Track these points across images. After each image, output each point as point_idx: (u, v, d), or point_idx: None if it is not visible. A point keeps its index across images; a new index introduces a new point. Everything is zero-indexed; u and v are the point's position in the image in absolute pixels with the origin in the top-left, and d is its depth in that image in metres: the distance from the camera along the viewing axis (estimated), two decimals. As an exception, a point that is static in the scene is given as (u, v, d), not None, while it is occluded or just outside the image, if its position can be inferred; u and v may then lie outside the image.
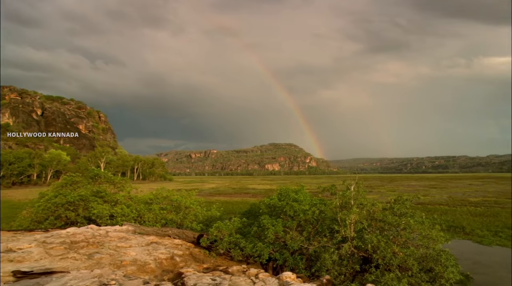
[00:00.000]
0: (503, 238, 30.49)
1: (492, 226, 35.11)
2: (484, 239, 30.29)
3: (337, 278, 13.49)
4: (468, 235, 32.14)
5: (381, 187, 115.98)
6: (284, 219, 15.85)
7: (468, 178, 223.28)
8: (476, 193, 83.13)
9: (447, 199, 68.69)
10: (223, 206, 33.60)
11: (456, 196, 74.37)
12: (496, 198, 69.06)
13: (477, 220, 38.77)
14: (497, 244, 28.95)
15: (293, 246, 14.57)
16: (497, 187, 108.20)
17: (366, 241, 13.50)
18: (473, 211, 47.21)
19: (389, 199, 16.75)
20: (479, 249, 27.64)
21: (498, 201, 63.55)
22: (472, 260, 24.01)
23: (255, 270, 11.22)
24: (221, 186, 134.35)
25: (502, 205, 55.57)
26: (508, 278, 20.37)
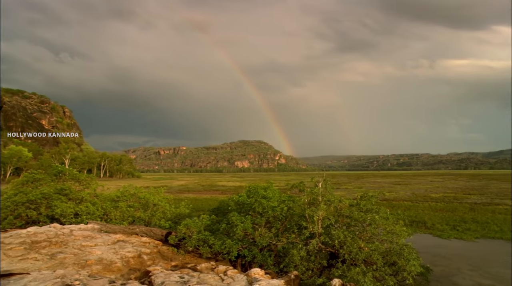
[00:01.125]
0: (460, 232, 32.01)
1: (451, 220, 36.77)
2: (444, 233, 31.68)
3: (305, 273, 13.74)
4: (429, 229, 33.50)
5: (348, 183, 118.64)
6: (253, 216, 15.94)
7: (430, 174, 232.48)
8: (437, 189, 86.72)
9: (411, 195, 71.26)
10: (192, 203, 33.35)
11: (419, 192, 77.30)
12: (455, 194, 72.39)
13: (437, 215, 40.46)
14: (454, 237, 30.37)
15: (262, 242, 14.69)
16: (456, 183, 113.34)
17: (333, 237, 13.81)
18: (434, 206, 49.23)
19: (356, 196, 17.21)
20: (439, 243, 28.89)
21: (457, 196, 66.63)
22: (432, 253, 25.05)
23: (223, 267, 11.26)
24: (190, 183, 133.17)
25: (460, 200, 58.28)
26: (465, 269, 21.45)
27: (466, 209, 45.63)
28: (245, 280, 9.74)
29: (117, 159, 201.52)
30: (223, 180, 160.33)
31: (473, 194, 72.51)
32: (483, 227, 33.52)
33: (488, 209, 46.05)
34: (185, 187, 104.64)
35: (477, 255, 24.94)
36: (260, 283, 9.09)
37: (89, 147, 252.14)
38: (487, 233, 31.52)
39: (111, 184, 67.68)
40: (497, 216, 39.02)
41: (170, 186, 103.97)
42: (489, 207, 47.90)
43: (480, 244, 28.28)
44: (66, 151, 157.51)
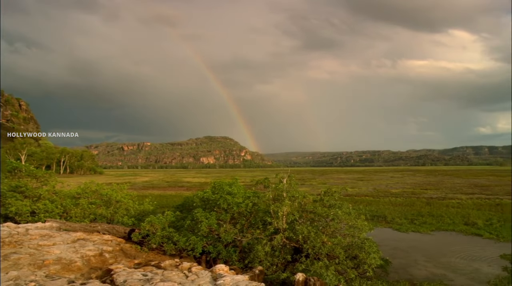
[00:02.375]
0: (417, 225, 33.52)
1: (409, 215, 38.38)
2: (402, 227, 33.04)
3: (269, 268, 13.91)
4: (389, 223, 34.83)
5: (312, 179, 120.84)
6: (218, 212, 15.91)
7: (391, 171, 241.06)
8: (396, 185, 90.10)
9: (372, 190, 73.66)
10: (157, 200, 32.79)
11: (380, 188, 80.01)
12: (413, 189, 75.54)
13: (396, 210, 42.08)
14: (412, 230, 31.78)
15: (226, 238, 14.71)
16: (414, 179, 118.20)
17: (297, 232, 14.06)
18: (394, 201, 51.15)
19: (320, 191, 17.58)
20: (398, 236, 30.12)
21: (415, 191, 69.58)
22: (391, 246, 26.08)
23: (188, 264, 11.17)
24: (155, 179, 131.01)
25: (417, 195, 60.92)
26: (422, 261, 22.51)
27: (423, 204, 47.79)
28: (209, 276, 9.73)
29: (78, 154, 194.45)
30: (189, 176, 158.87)
31: (430, 189, 75.98)
32: (437, 220, 35.25)
33: (443, 203, 48.45)
34: (149, 183, 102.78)
35: (432, 246, 26.23)
36: (225, 279, 9.11)
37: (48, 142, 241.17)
38: (441, 225, 33.18)
39: (71, 181, 65.27)
40: (450, 210, 41.13)
41: (134, 182, 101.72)
42: (443, 201, 50.40)
43: (435, 236, 29.74)
44: (22, 146, 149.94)
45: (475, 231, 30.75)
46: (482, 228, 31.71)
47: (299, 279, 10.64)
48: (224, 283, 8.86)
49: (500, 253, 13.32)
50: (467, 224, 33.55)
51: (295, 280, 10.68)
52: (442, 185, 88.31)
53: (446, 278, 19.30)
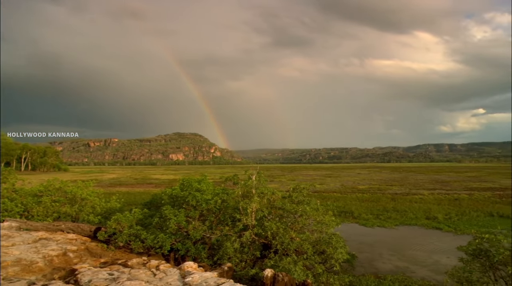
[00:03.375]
0: (382, 220, 34.66)
1: (375, 210, 39.56)
2: (368, 222, 34.03)
3: (238, 265, 13.94)
4: (355, 219, 35.75)
5: (282, 176, 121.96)
6: (187, 209, 15.78)
7: (358, 167, 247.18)
8: (363, 181, 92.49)
9: (340, 187, 75.23)
10: (124, 197, 32.10)
11: (347, 184, 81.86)
12: (379, 185, 77.83)
13: (363, 205, 43.25)
14: (378, 225, 32.82)
15: (195, 235, 14.61)
16: (380, 176, 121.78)
17: (266, 228, 14.15)
18: (361, 197, 52.54)
19: (289, 188, 17.78)
20: (364, 231, 30.97)
21: (380, 188, 71.71)
22: (358, 240, 26.79)
23: (156, 262, 11.01)
24: (123, 176, 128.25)
25: (383, 191, 62.84)
26: (386, 254, 23.29)
27: (388, 199, 49.40)
28: (178, 274, 9.63)
29: (41, 151, 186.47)
30: (157, 173, 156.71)
31: (394, 185, 78.52)
32: (401, 215, 36.55)
33: (407, 198, 50.26)
34: (117, 180, 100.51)
35: (396, 240, 27.19)
36: (193, 276, 9.05)
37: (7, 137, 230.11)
38: (405, 220, 34.44)
39: (33, 178, 62.68)
40: (413, 205, 42.72)
41: (100, 180, 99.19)
42: (407, 197, 52.28)
43: (399, 231, 30.82)
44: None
45: (436, 224, 32.13)
46: (442, 221, 33.20)
47: (267, 275, 10.71)
48: (192, 280, 8.80)
49: (457, 244, 14.05)
50: (428, 218, 34.99)
51: (264, 276, 10.75)
52: (406, 181, 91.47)
53: (409, 270, 20.12)
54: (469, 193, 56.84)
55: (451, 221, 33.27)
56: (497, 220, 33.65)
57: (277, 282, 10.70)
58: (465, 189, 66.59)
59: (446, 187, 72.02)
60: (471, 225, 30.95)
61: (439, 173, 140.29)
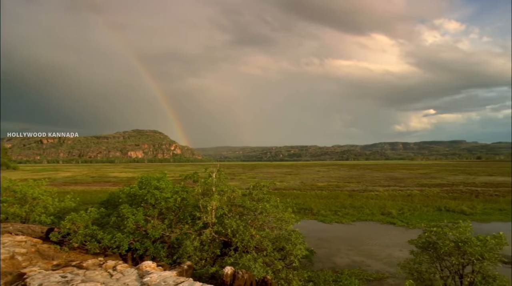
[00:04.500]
0: (340, 216, 35.69)
1: (333, 206, 40.62)
2: (327, 218, 34.91)
3: (198, 263, 13.84)
4: (314, 215, 36.53)
5: (242, 174, 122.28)
6: (146, 207, 15.45)
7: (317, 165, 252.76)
8: (322, 179, 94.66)
9: (300, 184, 76.54)
10: (80, 196, 30.86)
11: (307, 182, 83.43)
12: (337, 182, 79.97)
13: (322, 202, 44.26)
14: (336, 221, 33.73)
15: (154, 234, 14.35)
16: (338, 173, 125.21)
17: (226, 226, 14.15)
18: (320, 194, 53.72)
19: (249, 185, 17.87)
20: (323, 227, 31.72)
21: (339, 185, 73.72)
22: (317, 236, 27.42)
23: (112, 262, 10.70)
24: (78, 174, 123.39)
25: (341, 188, 64.64)
26: (344, 249, 24.03)
27: (346, 196, 50.88)
28: (135, 274, 9.42)
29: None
30: (115, 171, 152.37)
31: (352, 182, 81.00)
32: (358, 211, 37.79)
33: (363, 195, 51.99)
34: (72, 179, 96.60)
35: (353, 236, 28.09)
36: (152, 276, 8.89)
37: None
38: (362, 216, 35.65)
39: (-23, 177, 58.73)
40: (369, 201, 44.28)
41: (54, 178, 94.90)
42: (364, 194, 54.11)
43: (356, 226, 31.86)
44: None
45: (390, 220, 33.53)
46: (396, 217, 34.70)
47: (227, 272, 10.73)
48: (151, 280, 8.65)
49: (409, 238, 14.80)
50: (383, 213, 36.44)
51: (224, 274, 10.75)
52: (363, 178, 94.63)
53: (364, 264, 20.90)
54: (421, 189, 59.77)
55: (404, 216, 34.85)
56: (444, 214, 35.63)
57: (237, 280, 10.75)
58: (417, 185, 69.96)
59: (400, 183, 75.28)
60: (421, 219, 32.53)
61: (393, 170, 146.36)
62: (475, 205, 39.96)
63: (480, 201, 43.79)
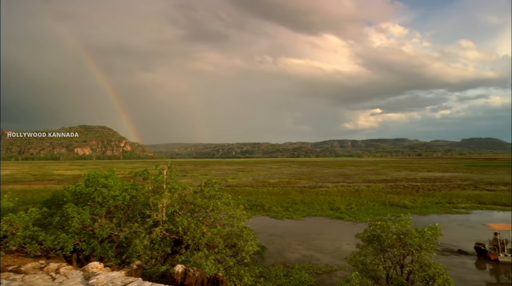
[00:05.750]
0: (291, 212, 36.50)
1: (285, 203, 41.41)
2: (278, 214, 35.53)
3: (148, 262, 13.53)
4: (266, 212, 37.04)
5: (194, 171, 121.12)
6: (93, 206, 14.83)
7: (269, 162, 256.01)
8: (274, 175, 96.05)
9: (252, 181, 77.13)
10: (19, 196, 28.95)
11: (259, 178, 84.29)
12: (288, 179, 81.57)
13: (274, 198, 44.96)
14: (287, 217, 34.45)
15: (102, 234, 13.82)
16: (290, 170, 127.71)
17: (177, 224, 13.95)
18: (271, 190, 54.50)
19: (201, 183, 17.73)
20: (274, 223, 32.25)
21: (290, 181, 75.23)
22: (268, 232, 27.83)
23: (55, 265, 10.16)
24: (18, 172, 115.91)
25: (292, 185, 66.04)
26: (294, 244, 24.59)
27: (297, 192, 52.05)
28: (81, 276, 9.02)
29: None
30: (60, 168, 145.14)
31: (303, 178, 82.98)
32: (309, 207, 38.83)
33: (314, 191, 53.49)
34: (10, 177, 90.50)
35: (304, 231, 28.83)
36: (98, 277, 8.56)
37: None
38: (312, 211, 36.69)
39: None
40: (319, 197, 45.63)
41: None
42: (314, 190, 55.67)
43: (306, 222, 32.71)
44: None
45: (339, 215, 34.79)
46: (344, 211, 36.09)
47: (178, 270, 10.60)
48: (97, 281, 8.32)
49: (356, 232, 15.46)
50: (332, 209, 37.73)
51: (175, 272, 10.61)
52: (313, 175, 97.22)
53: (314, 258, 21.54)
54: (367, 185, 62.57)
55: (352, 211, 36.32)
56: (388, 208, 37.62)
57: (188, 277, 10.65)
58: (364, 181, 73.13)
59: (348, 179, 78.26)
60: (368, 214, 34.12)
61: (342, 167, 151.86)
62: (416, 199, 42.60)
63: (420, 195, 46.77)
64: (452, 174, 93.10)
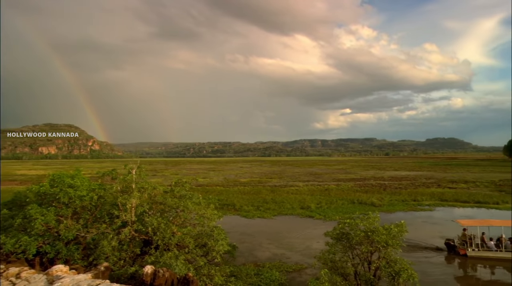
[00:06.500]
0: (262, 211, 36.66)
1: (255, 202, 41.52)
2: (249, 213, 35.60)
3: (116, 264, 13.22)
4: (237, 211, 37.04)
5: (165, 170, 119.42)
6: (58, 207, 14.34)
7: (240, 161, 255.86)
8: (245, 174, 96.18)
9: (223, 180, 76.89)
10: (-24, 197, 27.57)
11: (230, 178, 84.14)
12: (259, 178, 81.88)
13: (245, 198, 45.00)
14: (258, 216, 34.57)
15: (67, 235, 13.39)
16: (261, 169, 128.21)
17: (147, 224, 13.73)
18: (242, 190, 54.51)
19: (171, 182, 17.53)
20: (245, 222, 32.30)
21: (261, 180, 75.56)
22: (239, 232, 27.85)
23: (16, 269, 9.76)
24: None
25: (263, 184, 66.34)
26: (265, 243, 24.72)
27: (268, 191, 52.34)
28: (44, 280, 8.70)
29: None
30: (23, 168, 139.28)
31: (274, 178, 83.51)
32: (279, 206, 39.12)
33: (284, 190, 53.95)
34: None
35: (274, 230, 29.02)
36: (63, 280, 8.29)
37: None
38: (283, 210, 36.98)
39: None
40: (290, 196, 46.07)
41: None
42: (285, 189, 56.16)
43: (277, 221, 32.94)
44: None
45: (309, 213, 35.26)
46: (314, 210, 36.60)
47: (147, 271, 10.44)
48: (62, 285, 8.07)
49: (325, 230, 15.77)
50: (303, 207, 38.18)
51: (144, 273, 10.45)
52: (284, 174, 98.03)
53: (285, 257, 21.75)
54: (337, 184, 63.77)
55: (322, 209, 36.89)
56: (357, 206, 38.46)
57: (158, 278, 10.51)
58: (333, 180, 74.46)
59: (318, 178, 79.45)
60: (337, 212, 34.75)
61: (312, 166, 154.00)
62: (383, 197, 43.79)
63: (387, 194, 48.13)
64: (417, 173, 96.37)
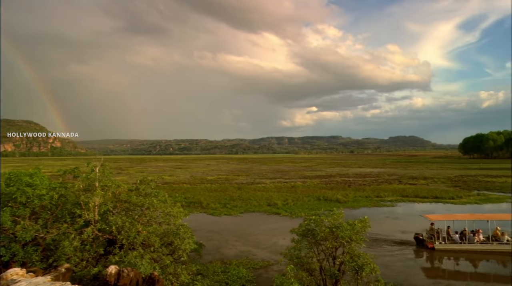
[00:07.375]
0: (229, 208, 36.68)
1: (222, 199, 41.46)
2: (216, 211, 35.51)
3: (78, 264, 12.81)
4: (204, 209, 36.84)
5: (130, 168, 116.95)
6: (14, 207, 13.68)
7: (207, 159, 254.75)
8: (212, 172, 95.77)
9: (189, 178, 76.24)
10: None
11: (197, 175, 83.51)
12: (226, 176, 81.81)
13: (211, 195, 44.83)
14: (225, 214, 34.57)
15: (25, 237, 12.79)
16: (228, 166, 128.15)
17: (111, 223, 13.39)
18: (209, 187, 54.29)
19: (136, 180, 17.19)
20: (212, 220, 32.19)
21: (228, 178, 75.52)
22: (206, 229, 27.73)
23: (-32, 273, 9.25)
24: None
25: (230, 181, 66.36)
26: (232, 241, 24.76)
27: (235, 189, 52.40)
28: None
29: None
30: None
31: (241, 175, 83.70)
32: (246, 203, 39.27)
33: (251, 187, 54.19)
34: None
35: (241, 227, 29.14)
36: (19, 284, 7.95)
37: None
38: (250, 208, 37.15)
39: None
40: (257, 193, 46.34)
41: None
42: (252, 186, 56.43)
43: (244, 218, 33.06)
44: None
45: (276, 210, 35.60)
46: (281, 207, 37.01)
47: (111, 272, 10.21)
48: (19, 288, 7.74)
49: (292, 227, 15.98)
50: (269, 204, 38.50)
51: (107, 274, 10.21)
52: (251, 171, 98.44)
53: (251, 254, 21.88)
54: (303, 181, 64.78)
55: (288, 206, 37.35)
56: (323, 203, 39.28)
57: (122, 278, 10.29)
58: (300, 177, 75.57)
59: (285, 176, 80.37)
60: (303, 209, 35.31)
61: (279, 163, 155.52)
62: (348, 194, 44.91)
63: (352, 190, 49.44)
64: (381, 170, 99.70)
